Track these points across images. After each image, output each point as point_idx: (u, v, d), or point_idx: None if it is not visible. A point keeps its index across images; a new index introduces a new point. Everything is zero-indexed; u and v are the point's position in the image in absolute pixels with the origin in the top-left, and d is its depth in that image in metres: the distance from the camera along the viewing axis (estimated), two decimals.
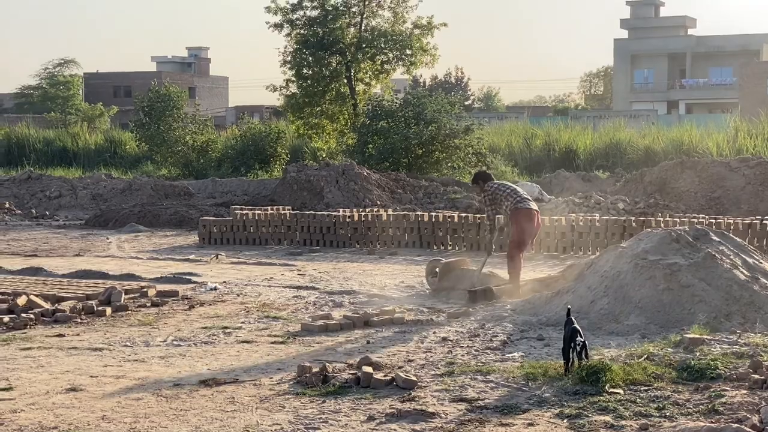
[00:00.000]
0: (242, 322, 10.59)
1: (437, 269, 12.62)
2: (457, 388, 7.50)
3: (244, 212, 19.90)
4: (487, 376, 7.81)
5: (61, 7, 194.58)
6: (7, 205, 27.44)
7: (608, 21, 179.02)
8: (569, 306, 8.60)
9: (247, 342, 9.53)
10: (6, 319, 10.49)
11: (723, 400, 6.96)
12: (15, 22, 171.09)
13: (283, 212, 19.93)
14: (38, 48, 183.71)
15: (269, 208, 21.09)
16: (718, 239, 10.60)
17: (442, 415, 6.82)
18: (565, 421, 6.67)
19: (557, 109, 79.80)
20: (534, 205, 12.55)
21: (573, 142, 35.29)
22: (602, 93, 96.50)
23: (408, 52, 36.53)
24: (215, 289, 13.01)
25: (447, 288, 12.37)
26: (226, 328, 10.25)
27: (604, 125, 39.03)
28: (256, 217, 19.59)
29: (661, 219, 17.33)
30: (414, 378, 7.65)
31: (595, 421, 6.62)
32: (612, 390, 7.23)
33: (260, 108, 74.94)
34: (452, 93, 51.13)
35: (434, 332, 9.85)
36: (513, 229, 12.41)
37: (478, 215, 18.72)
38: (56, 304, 11.43)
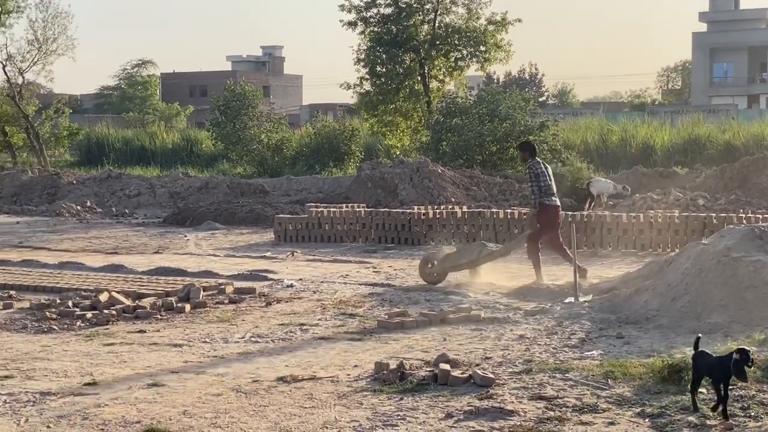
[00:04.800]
0: (319, 319, 10.64)
1: (433, 262, 13.11)
2: (535, 386, 7.43)
3: (319, 210, 20.00)
4: (566, 374, 7.72)
5: (139, 9, 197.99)
6: (88, 204, 28.03)
7: (687, 14, 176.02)
8: (699, 335, 7.14)
9: (324, 339, 9.57)
10: (89, 315, 10.71)
11: None
12: (94, 25, 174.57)
13: (357, 210, 19.97)
14: (117, 49, 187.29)
15: (344, 205, 21.15)
16: None
17: (521, 413, 6.76)
18: (647, 420, 6.56)
19: (634, 105, 78.66)
20: (557, 201, 13.28)
21: (650, 137, 34.77)
22: (680, 88, 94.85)
23: (482, 48, 36.33)
24: (292, 286, 13.09)
25: (449, 267, 12.96)
26: (303, 324, 10.31)
27: (682, 120, 38.39)
28: (331, 215, 19.67)
29: (743, 215, 16.98)
30: (492, 376, 7.60)
31: (678, 420, 6.50)
32: None
33: (334, 106, 75.27)
34: (526, 89, 50.82)
35: (511, 330, 9.79)
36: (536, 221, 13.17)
37: None
38: (137, 301, 11.63)
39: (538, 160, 13.28)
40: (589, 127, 37.86)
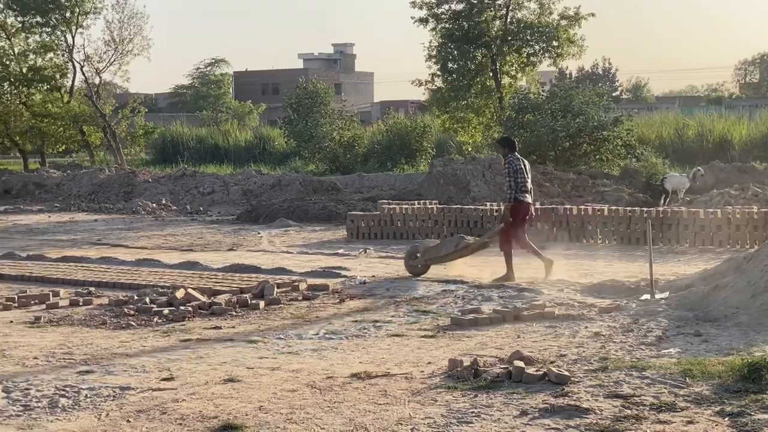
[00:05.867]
0: (392, 316, 10.66)
1: (417, 254, 13.57)
2: (611, 383, 7.35)
3: (391, 207, 20.03)
4: (643, 372, 7.61)
5: (212, 9, 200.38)
6: (163, 202, 28.48)
7: (765, 6, 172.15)
8: None
9: (398, 336, 9.58)
10: (166, 311, 10.87)
11: None
12: (169, 25, 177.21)
13: (429, 206, 19.97)
14: (191, 49, 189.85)
15: (416, 202, 21.16)
16: None
17: (597, 411, 6.68)
18: (726, 419, 6.44)
19: (710, 99, 77.29)
20: (530, 198, 13.51)
21: (728, 132, 34.14)
22: (758, 81, 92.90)
23: (554, 43, 36.04)
24: (364, 283, 13.13)
25: (430, 259, 13.48)
26: (377, 321, 10.33)
27: (760, 114, 37.62)
28: (403, 212, 19.69)
29: None
30: (567, 373, 7.53)
31: (759, 419, 6.37)
32: None
33: (405, 103, 75.35)
34: (600, 84, 50.22)
35: (586, 327, 9.69)
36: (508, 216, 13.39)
37: (629, 208, 18.34)
38: (212, 297, 11.78)
39: (517, 155, 13.39)
40: (664, 121, 37.32)
